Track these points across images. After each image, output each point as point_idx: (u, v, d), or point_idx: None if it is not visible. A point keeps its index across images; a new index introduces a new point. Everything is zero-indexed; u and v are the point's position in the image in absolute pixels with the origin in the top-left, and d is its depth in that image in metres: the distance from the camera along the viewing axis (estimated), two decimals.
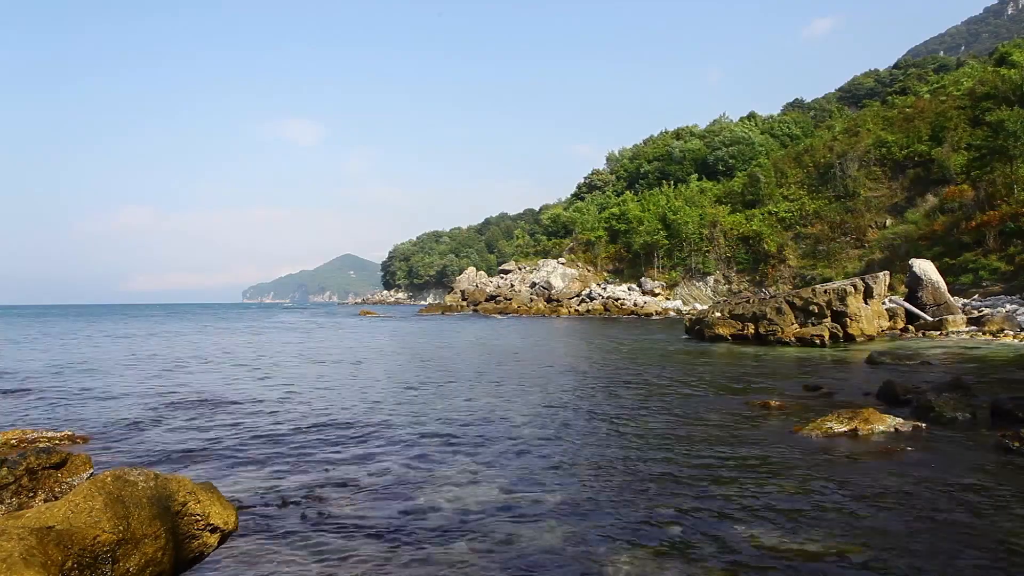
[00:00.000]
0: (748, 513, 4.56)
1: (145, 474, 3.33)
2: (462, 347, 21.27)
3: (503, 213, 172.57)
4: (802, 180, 60.88)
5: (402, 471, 5.76)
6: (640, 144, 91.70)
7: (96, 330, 33.87)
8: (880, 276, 21.94)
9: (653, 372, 13.33)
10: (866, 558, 3.79)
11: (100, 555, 2.87)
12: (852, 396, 9.70)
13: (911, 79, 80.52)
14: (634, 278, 63.87)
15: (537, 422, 7.98)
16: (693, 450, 6.42)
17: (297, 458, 6.24)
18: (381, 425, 7.83)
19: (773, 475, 5.49)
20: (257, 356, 18.02)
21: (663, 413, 8.48)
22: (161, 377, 12.84)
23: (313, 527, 4.38)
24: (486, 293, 66.96)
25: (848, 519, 4.43)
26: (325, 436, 7.21)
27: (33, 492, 4.26)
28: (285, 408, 9.06)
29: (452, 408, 9.05)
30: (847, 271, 47.58)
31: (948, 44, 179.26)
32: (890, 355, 14.32)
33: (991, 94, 50.68)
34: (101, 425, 7.85)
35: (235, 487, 5.22)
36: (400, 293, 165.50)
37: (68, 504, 2.94)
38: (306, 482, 5.41)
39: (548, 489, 5.19)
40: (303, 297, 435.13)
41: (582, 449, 6.57)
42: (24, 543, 2.60)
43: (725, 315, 22.07)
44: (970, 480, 5.26)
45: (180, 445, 6.80)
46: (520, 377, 12.61)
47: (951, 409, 7.67)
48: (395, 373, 13.74)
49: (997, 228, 39.00)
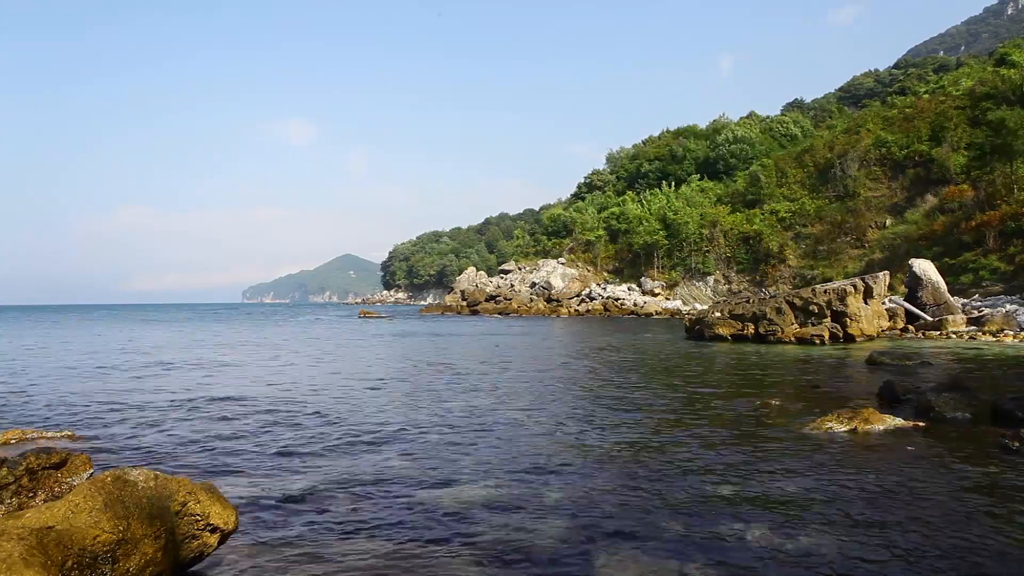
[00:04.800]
0: (748, 512, 4.56)
1: (145, 474, 3.33)
2: (461, 348, 21.27)
3: (503, 213, 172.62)
4: (802, 180, 60.89)
5: (403, 471, 5.76)
6: (640, 144, 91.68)
7: (96, 330, 33.86)
8: (880, 276, 21.94)
9: (653, 372, 13.33)
10: (866, 558, 3.79)
11: (100, 555, 2.87)
12: (852, 396, 9.70)
13: (911, 79, 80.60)
14: (634, 278, 63.87)
15: (537, 422, 7.98)
16: (693, 449, 6.43)
17: (297, 458, 6.24)
18: (382, 425, 7.83)
19: (773, 474, 5.49)
20: (258, 357, 18.02)
21: (663, 413, 8.48)
22: (161, 378, 12.84)
23: (314, 527, 4.37)
24: (486, 293, 66.93)
25: (848, 519, 4.42)
26: (326, 436, 7.21)
27: (33, 492, 4.27)
28: (286, 409, 9.05)
29: (452, 408, 9.04)
30: (847, 271, 47.55)
31: (948, 44, 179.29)
32: (890, 355, 14.32)
33: (991, 94, 50.67)
34: (101, 425, 7.85)
35: (235, 487, 5.22)
36: (400, 293, 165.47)
37: (68, 504, 2.94)
38: (307, 482, 5.41)
39: (548, 488, 5.19)
40: (303, 297, 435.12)
41: (581, 449, 6.56)
42: (24, 543, 2.60)
43: (725, 315, 22.07)
44: (970, 480, 5.26)
45: (180, 445, 6.80)
46: (520, 377, 12.61)
47: (951, 409, 7.67)
48: (395, 374, 13.73)
49: (997, 228, 38.98)
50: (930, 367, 13.16)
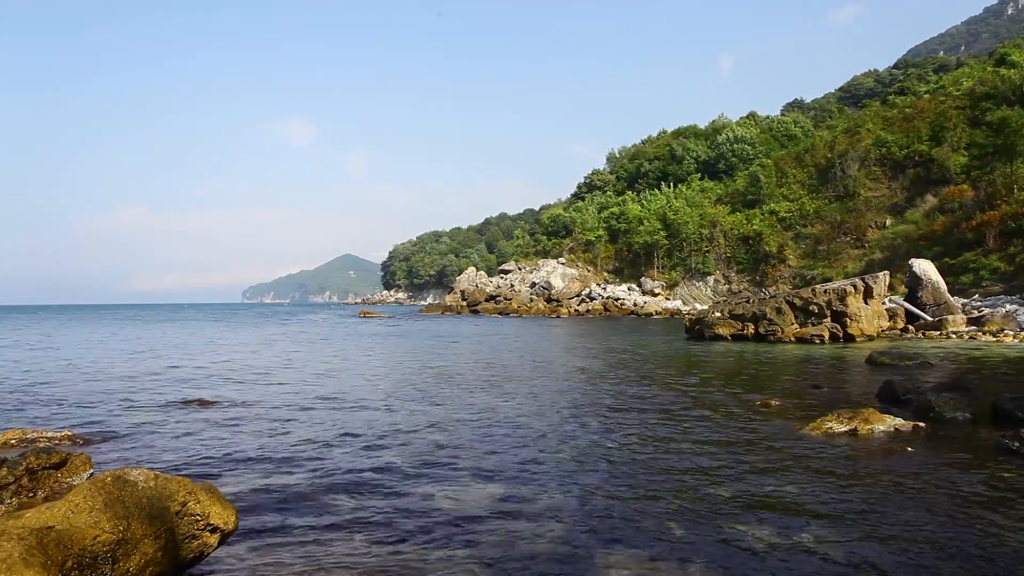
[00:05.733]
0: (747, 512, 4.56)
1: (145, 474, 3.33)
2: (461, 348, 21.27)
3: (503, 213, 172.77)
4: (802, 180, 60.91)
5: (403, 471, 5.76)
6: (640, 144, 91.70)
7: (96, 331, 33.86)
8: (880, 276, 21.94)
9: (653, 372, 13.33)
10: (866, 557, 3.79)
11: (100, 555, 2.87)
12: (852, 396, 9.70)
13: (911, 79, 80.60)
14: (634, 278, 63.89)
15: (536, 422, 7.98)
16: (692, 449, 6.43)
17: (298, 458, 6.24)
18: (381, 425, 7.83)
19: (773, 475, 5.49)
20: (258, 357, 18.02)
21: (662, 413, 8.48)
22: (161, 378, 12.84)
23: (314, 527, 4.37)
24: (486, 293, 66.94)
25: (848, 519, 4.42)
26: (325, 436, 7.21)
27: (33, 492, 4.27)
28: (286, 409, 9.06)
29: (452, 409, 9.05)
30: (847, 271, 47.57)
31: (948, 44, 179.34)
32: (890, 355, 14.32)
33: (991, 94, 50.70)
34: (101, 425, 7.85)
35: (235, 487, 5.22)
36: (400, 293, 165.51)
37: (68, 504, 2.94)
38: (307, 482, 5.41)
39: (547, 489, 5.19)
40: (303, 297, 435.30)
41: (581, 449, 6.57)
42: (24, 543, 2.60)
43: (725, 315, 22.07)
44: (970, 480, 5.26)
45: (180, 445, 6.80)
46: (520, 378, 12.61)
47: (951, 409, 7.67)
48: (394, 374, 13.73)
49: (997, 228, 38.99)
50: (930, 367, 13.15)
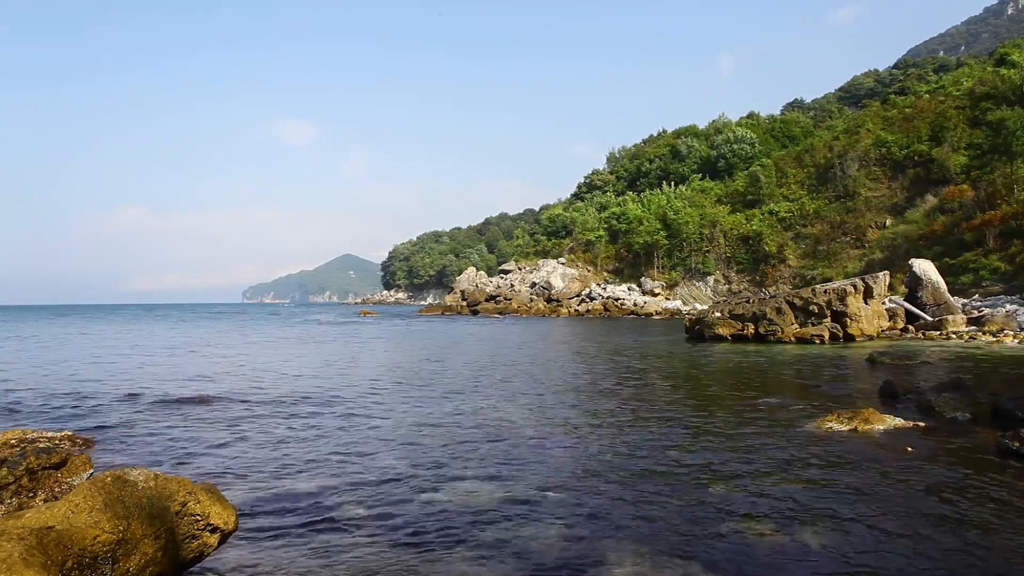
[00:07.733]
0: (748, 511, 4.56)
1: (145, 474, 3.33)
2: (461, 348, 21.27)
3: (503, 213, 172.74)
4: (802, 180, 60.91)
5: (403, 472, 5.76)
6: (640, 144, 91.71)
7: (96, 331, 33.86)
8: (880, 276, 21.93)
9: (653, 372, 13.33)
10: (866, 557, 3.79)
11: (100, 555, 2.87)
12: (852, 396, 9.70)
13: (911, 79, 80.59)
14: (634, 278, 63.87)
15: (537, 423, 7.98)
16: (692, 449, 6.43)
17: (298, 458, 6.24)
18: (382, 426, 7.83)
19: (773, 474, 5.49)
20: (258, 357, 18.01)
21: (663, 412, 8.47)
22: (162, 378, 12.84)
23: (314, 527, 4.37)
24: (486, 293, 66.91)
25: (848, 518, 4.42)
26: (325, 436, 7.21)
27: (33, 492, 4.27)
28: (286, 409, 9.06)
29: (452, 410, 9.05)
30: (847, 271, 47.56)
31: (948, 44, 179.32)
32: (890, 355, 14.32)
33: (991, 94, 50.70)
34: (101, 425, 7.85)
35: (236, 487, 5.22)
36: (400, 293, 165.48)
37: (68, 504, 2.94)
38: (307, 482, 5.41)
39: (549, 489, 5.19)
40: (303, 297, 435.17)
41: (582, 449, 6.57)
42: (24, 543, 2.60)
43: (725, 315, 22.06)
44: (970, 480, 5.26)
45: (180, 445, 6.80)
46: (520, 379, 12.60)
47: (951, 409, 7.67)
48: (394, 374, 13.73)
49: (997, 228, 39.00)
50: (930, 367, 13.15)
